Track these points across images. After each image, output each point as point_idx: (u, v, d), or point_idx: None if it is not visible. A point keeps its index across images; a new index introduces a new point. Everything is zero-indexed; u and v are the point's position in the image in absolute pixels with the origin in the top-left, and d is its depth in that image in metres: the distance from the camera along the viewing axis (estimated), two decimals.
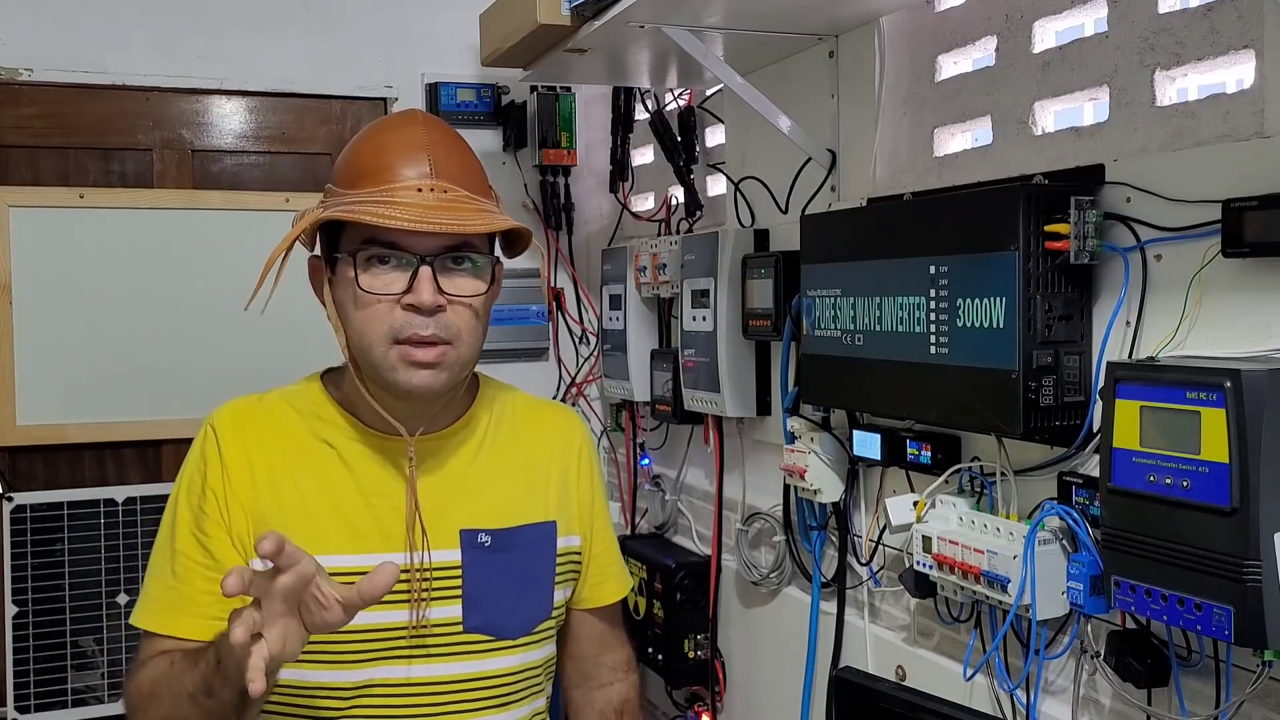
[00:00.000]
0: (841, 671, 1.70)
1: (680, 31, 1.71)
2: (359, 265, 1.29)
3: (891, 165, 1.70)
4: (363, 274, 1.29)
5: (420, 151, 1.30)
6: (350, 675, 1.34)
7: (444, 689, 1.37)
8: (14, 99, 2.42)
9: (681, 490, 2.38)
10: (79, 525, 2.39)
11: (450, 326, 1.30)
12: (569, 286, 2.80)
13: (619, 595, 1.58)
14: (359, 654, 1.34)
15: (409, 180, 1.28)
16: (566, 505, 1.49)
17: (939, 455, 1.51)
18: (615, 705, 1.57)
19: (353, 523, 1.36)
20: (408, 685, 1.35)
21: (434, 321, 1.29)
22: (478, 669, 1.38)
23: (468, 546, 1.38)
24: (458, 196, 1.30)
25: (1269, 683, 1.07)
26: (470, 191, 1.32)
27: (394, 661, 1.35)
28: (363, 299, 1.29)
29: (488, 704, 1.39)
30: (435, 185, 1.28)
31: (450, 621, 1.37)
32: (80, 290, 2.44)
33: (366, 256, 1.29)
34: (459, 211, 1.28)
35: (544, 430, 1.52)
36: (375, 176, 1.29)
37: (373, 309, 1.29)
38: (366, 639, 1.34)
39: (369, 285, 1.29)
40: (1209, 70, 1.23)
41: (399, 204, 1.26)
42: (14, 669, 2.34)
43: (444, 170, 1.30)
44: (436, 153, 1.31)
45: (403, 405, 1.35)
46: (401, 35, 2.67)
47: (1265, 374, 0.99)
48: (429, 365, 1.30)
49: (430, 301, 1.28)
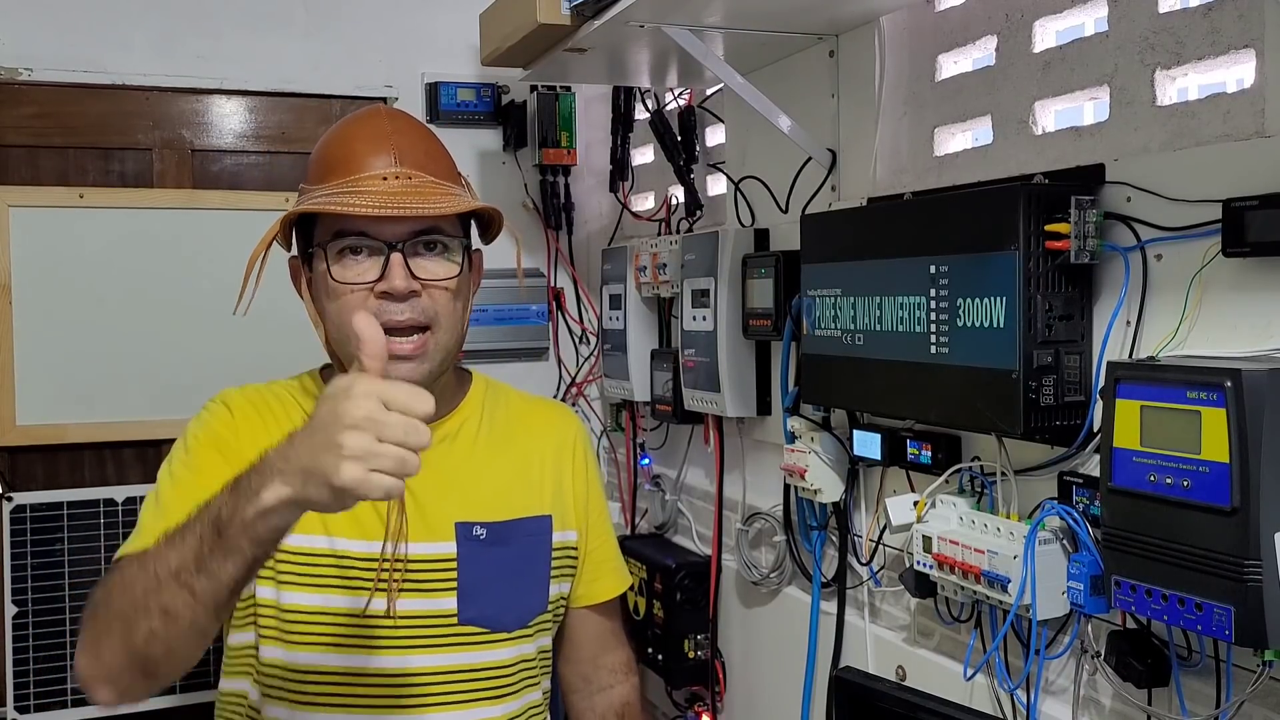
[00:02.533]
0: (841, 671, 1.70)
1: (680, 31, 1.71)
2: (330, 257, 1.30)
3: (892, 165, 1.70)
4: (335, 266, 1.30)
5: (384, 141, 1.31)
6: (344, 660, 1.34)
7: (438, 680, 1.37)
8: (14, 99, 2.42)
9: (681, 490, 2.38)
10: (79, 525, 2.39)
11: (426, 310, 1.30)
12: (569, 286, 2.80)
13: (616, 591, 1.58)
14: (346, 638, 1.34)
15: (374, 170, 1.29)
16: (562, 500, 1.49)
17: (939, 455, 1.51)
18: (615, 708, 1.57)
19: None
20: (402, 675, 1.36)
21: (409, 306, 1.29)
22: (472, 660, 1.39)
23: (463, 539, 1.39)
24: (424, 182, 1.30)
25: (1269, 683, 1.07)
26: (439, 178, 1.32)
27: (388, 651, 1.35)
28: (336, 290, 1.30)
29: (482, 696, 1.39)
30: (400, 173, 1.29)
31: (445, 613, 1.38)
32: (80, 290, 2.44)
33: (338, 249, 1.30)
34: (426, 196, 1.29)
35: (539, 426, 1.53)
36: (341, 169, 1.30)
37: (346, 299, 1.29)
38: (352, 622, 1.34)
39: (341, 276, 1.29)
40: (1209, 70, 1.23)
41: (364, 192, 1.27)
42: (14, 669, 2.34)
43: (408, 158, 1.31)
44: (400, 141, 1.32)
45: None
46: (401, 35, 2.66)
47: (1265, 374, 0.99)
48: (410, 358, 1.30)
49: (403, 286, 1.28)
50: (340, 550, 1.35)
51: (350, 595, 1.35)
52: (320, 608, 1.34)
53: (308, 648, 1.34)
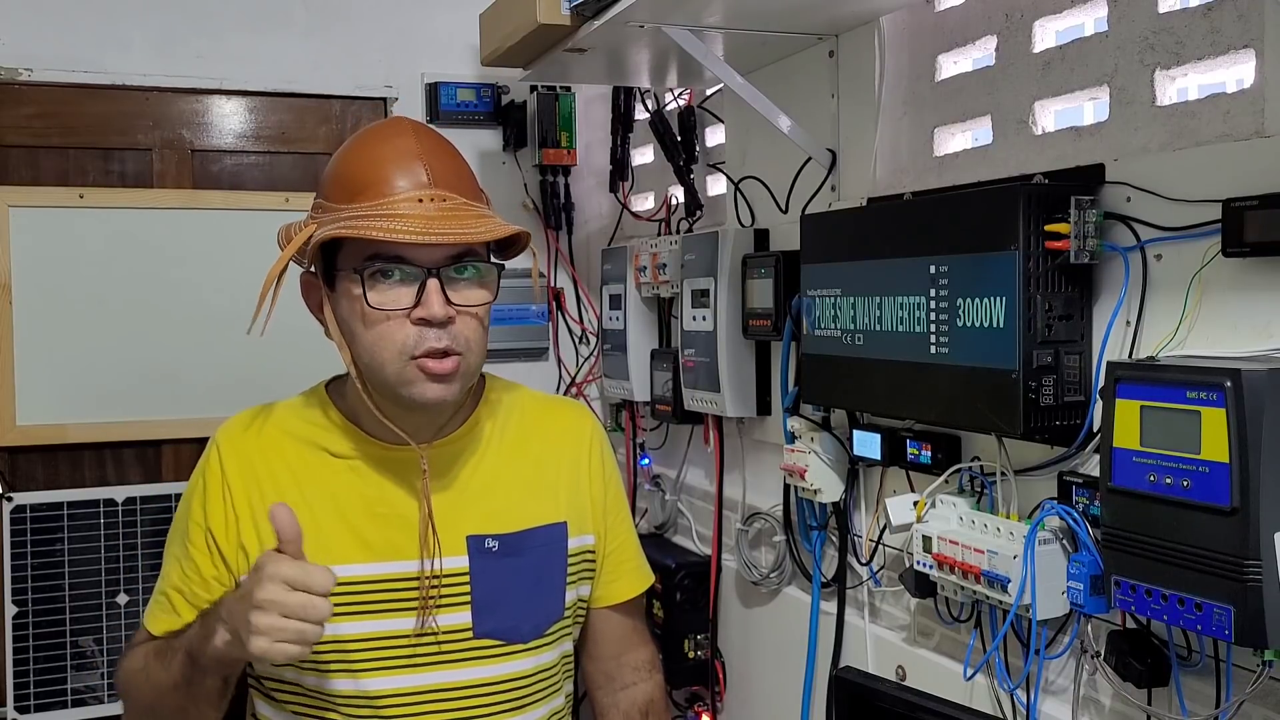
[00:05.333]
0: (841, 671, 1.70)
1: (680, 31, 1.71)
2: (366, 281, 1.27)
3: (891, 165, 1.70)
4: (369, 290, 1.27)
5: (415, 161, 1.28)
6: (364, 684, 1.34)
7: (458, 695, 1.37)
8: (14, 99, 2.42)
9: (681, 490, 2.38)
10: (79, 525, 2.39)
11: (459, 338, 1.29)
12: (569, 286, 2.80)
13: (637, 590, 1.56)
14: (372, 660, 1.34)
15: (407, 192, 1.26)
16: (578, 504, 1.48)
17: (939, 455, 1.51)
18: (640, 706, 1.56)
19: (360, 533, 1.36)
20: (421, 693, 1.35)
21: (446, 334, 1.27)
22: (490, 674, 1.38)
23: (475, 552, 1.38)
24: (457, 204, 1.28)
25: (1269, 683, 1.07)
26: (466, 197, 1.30)
27: (406, 670, 1.35)
28: (371, 316, 1.27)
29: (503, 708, 1.39)
30: (435, 195, 1.27)
31: (460, 628, 1.37)
32: (80, 290, 2.43)
33: (372, 272, 1.27)
34: (462, 220, 1.27)
35: (553, 429, 1.51)
36: (372, 190, 1.27)
37: (383, 326, 1.27)
38: (377, 646, 1.34)
39: (377, 302, 1.27)
40: (1209, 70, 1.23)
41: (401, 216, 1.24)
42: (14, 669, 2.33)
43: (441, 179, 1.29)
44: (431, 161, 1.29)
45: (411, 416, 1.34)
46: (401, 35, 2.66)
47: (1265, 374, 0.99)
48: (444, 378, 1.29)
49: (441, 314, 1.26)
50: (353, 576, 1.34)
51: (367, 620, 1.34)
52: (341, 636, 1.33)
53: (329, 674, 1.34)
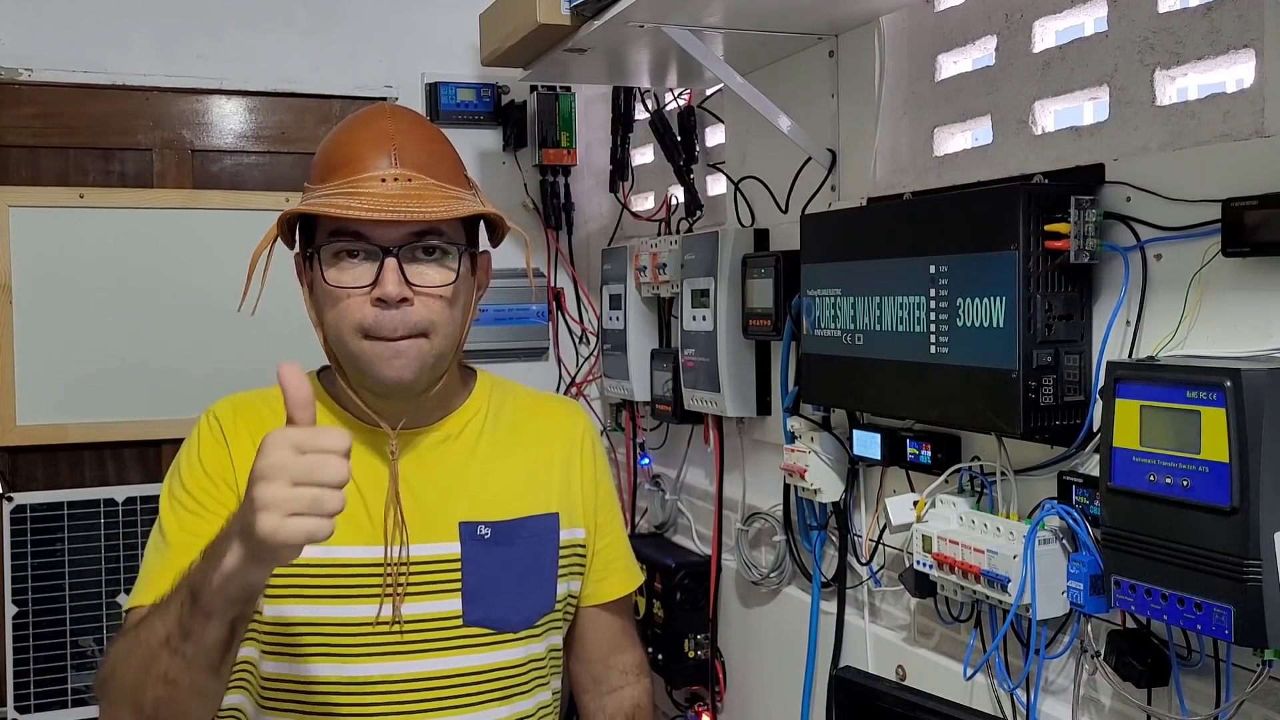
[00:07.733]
0: (841, 671, 1.70)
1: (680, 31, 1.71)
2: (325, 260, 1.29)
3: (891, 165, 1.70)
4: (330, 268, 1.29)
5: (386, 142, 1.29)
6: (348, 670, 1.34)
7: (446, 683, 1.36)
8: (14, 99, 2.42)
9: (681, 490, 2.38)
10: (79, 525, 2.39)
11: (419, 322, 1.29)
12: (569, 286, 2.80)
13: (626, 590, 1.57)
14: (357, 646, 1.34)
15: (374, 171, 1.27)
16: (569, 498, 1.48)
17: (939, 455, 1.51)
18: (627, 710, 1.56)
19: (347, 513, 1.36)
20: (409, 680, 1.35)
21: (400, 316, 1.28)
22: (479, 662, 1.38)
23: (467, 539, 1.38)
24: (425, 185, 1.28)
25: (1269, 682, 1.07)
26: (441, 180, 1.30)
27: (394, 657, 1.35)
28: (333, 295, 1.29)
29: (491, 697, 1.39)
30: (400, 175, 1.27)
31: (450, 615, 1.37)
32: (80, 290, 2.44)
33: (334, 251, 1.29)
34: (424, 200, 1.27)
35: (546, 423, 1.51)
36: (343, 170, 1.29)
37: (344, 305, 1.29)
38: (362, 631, 1.34)
39: (336, 279, 1.28)
40: (1209, 70, 1.23)
41: (362, 194, 1.26)
42: (14, 669, 2.34)
43: (410, 159, 1.29)
44: (402, 142, 1.30)
45: (387, 401, 1.35)
46: (401, 35, 2.66)
47: (1265, 374, 0.99)
48: (400, 357, 1.29)
49: (395, 293, 1.26)
50: (338, 559, 1.34)
51: (352, 604, 1.34)
52: (323, 618, 1.33)
53: (312, 659, 1.33)
